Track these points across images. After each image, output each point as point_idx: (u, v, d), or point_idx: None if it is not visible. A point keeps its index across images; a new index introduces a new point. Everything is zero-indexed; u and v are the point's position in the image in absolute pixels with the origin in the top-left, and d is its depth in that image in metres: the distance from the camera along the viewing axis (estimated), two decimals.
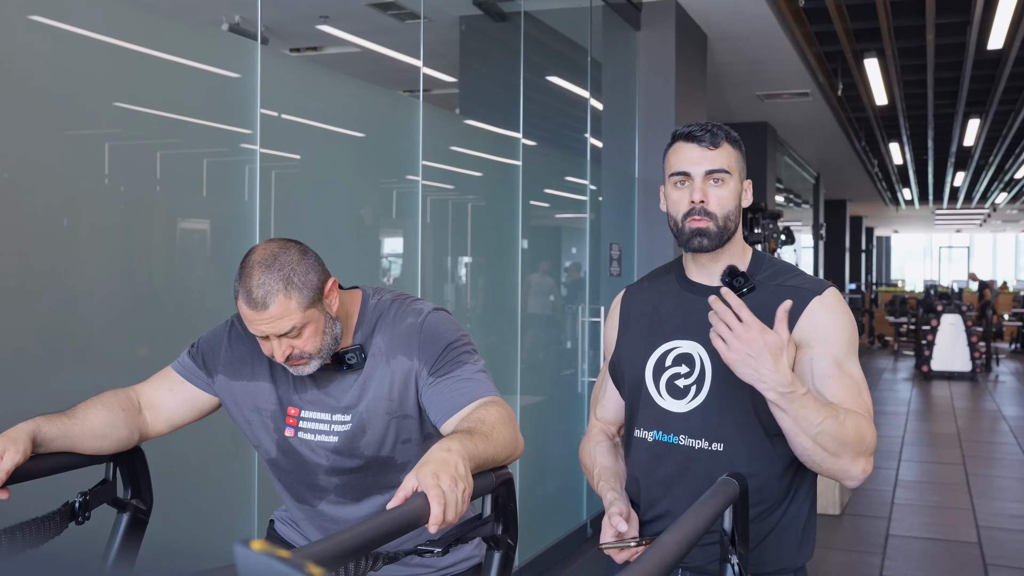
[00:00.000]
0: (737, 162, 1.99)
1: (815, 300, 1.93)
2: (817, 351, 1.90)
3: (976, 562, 5.33)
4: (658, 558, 1.19)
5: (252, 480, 3.01)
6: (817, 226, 16.33)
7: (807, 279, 1.99)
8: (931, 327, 14.47)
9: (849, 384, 1.88)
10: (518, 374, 4.86)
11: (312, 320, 1.82)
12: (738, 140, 2.01)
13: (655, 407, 2.01)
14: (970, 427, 10.13)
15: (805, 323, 1.91)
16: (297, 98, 3.36)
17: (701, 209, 1.93)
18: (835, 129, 11.61)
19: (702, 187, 1.94)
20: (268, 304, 1.76)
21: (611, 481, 2.06)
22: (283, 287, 1.77)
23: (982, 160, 16.05)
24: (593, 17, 5.92)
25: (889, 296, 22.34)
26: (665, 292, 2.09)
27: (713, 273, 2.02)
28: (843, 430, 1.78)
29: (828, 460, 1.81)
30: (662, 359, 2.02)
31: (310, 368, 1.87)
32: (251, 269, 1.78)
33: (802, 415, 1.75)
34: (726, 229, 1.95)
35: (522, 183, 4.94)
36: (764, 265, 2.03)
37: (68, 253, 2.54)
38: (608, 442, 2.18)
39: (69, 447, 1.75)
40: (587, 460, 2.16)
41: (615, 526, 1.94)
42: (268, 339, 1.82)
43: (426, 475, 1.44)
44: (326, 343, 1.86)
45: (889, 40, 7.99)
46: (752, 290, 1.95)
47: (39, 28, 2.41)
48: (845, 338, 1.93)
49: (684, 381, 1.98)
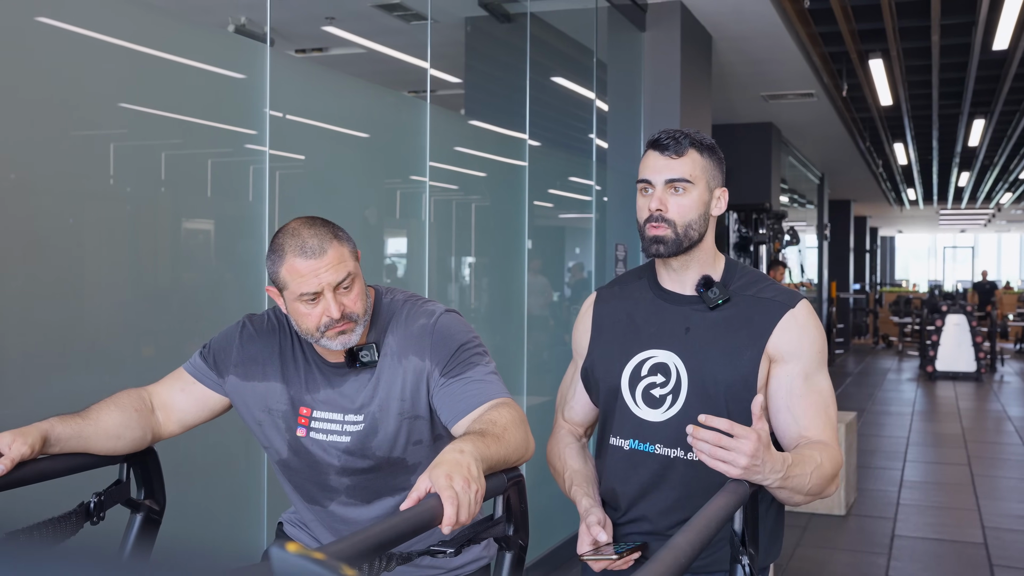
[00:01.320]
0: (704, 170, 2.01)
1: (788, 314, 1.99)
2: (790, 368, 1.97)
3: (982, 563, 5.33)
4: (671, 559, 1.20)
5: (262, 481, 3.02)
6: (821, 226, 16.32)
7: (780, 291, 2.04)
8: (935, 327, 14.46)
9: (817, 401, 1.97)
10: (524, 374, 4.86)
11: (358, 276, 1.88)
12: (710, 147, 2.03)
13: (631, 416, 2.04)
14: (975, 428, 10.12)
15: (779, 338, 1.97)
16: (304, 99, 3.37)
17: (659, 216, 1.98)
18: (840, 129, 11.61)
19: (661, 195, 1.99)
20: (326, 249, 1.81)
21: (584, 486, 2.10)
22: (334, 235, 1.85)
23: (987, 160, 16.03)
24: (598, 18, 5.93)
25: (893, 296, 22.32)
26: (639, 299, 2.12)
27: (685, 281, 2.06)
28: (822, 472, 1.86)
29: (814, 499, 1.92)
30: (638, 368, 2.05)
31: (356, 335, 1.87)
32: (297, 230, 1.84)
33: (796, 483, 1.80)
34: (686, 237, 1.99)
35: (528, 184, 4.95)
36: (737, 274, 2.07)
37: (74, 253, 2.55)
38: (576, 444, 2.22)
39: (83, 447, 1.76)
40: (556, 463, 2.19)
41: (594, 535, 1.97)
42: (318, 301, 1.83)
43: (439, 476, 1.45)
44: (367, 307, 1.90)
45: (894, 41, 7.99)
46: (727, 301, 2.00)
47: (46, 29, 2.42)
48: (815, 351, 2.00)
49: (660, 391, 2.01)
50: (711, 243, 2.06)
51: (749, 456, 1.70)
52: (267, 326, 2.03)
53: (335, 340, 1.86)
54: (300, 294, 1.82)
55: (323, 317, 1.83)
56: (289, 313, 1.89)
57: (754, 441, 1.70)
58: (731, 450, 1.70)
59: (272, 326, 2.03)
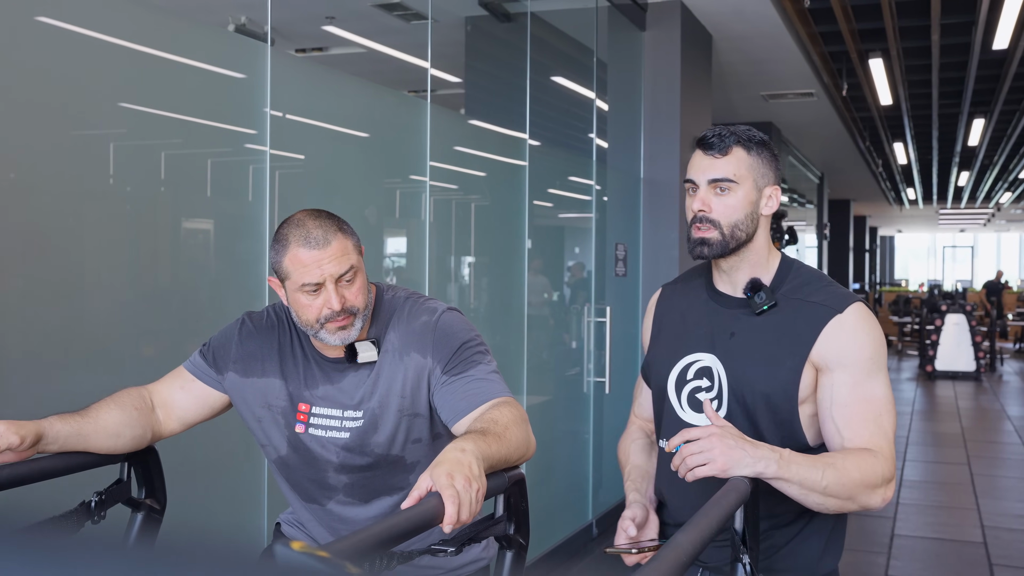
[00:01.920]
0: (751, 169, 1.94)
1: (835, 320, 1.89)
2: (836, 376, 1.88)
3: (981, 562, 5.34)
4: (673, 557, 1.20)
5: (262, 480, 3.02)
6: (821, 226, 16.32)
7: (831, 294, 1.95)
8: (935, 327, 14.46)
9: (866, 410, 1.86)
10: (524, 374, 4.87)
11: (361, 270, 1.89)
12: (759, 144, 1.96)
13: (676, 418, 2.01)
14: (975, 427, 10.12)
15: (823, 346, 1.89)
16: (305, 99, 3.37)
17: (703, 217, 1.93)
18: (839, 129, 11.62)
19: (704, 196, 1.93)
20: (330, 240, 1.83)
21: (637, 481, 2.08)
22: (338, 227, 1.86)
23: (986, 160, 16.05)
24: (599, 18, 5.93)
25: (893, 296, 22.33)
26: (694, 299, 2.08)
27: (736, 283, 2.00)
28: (846, 475, 1.77)
29: (846, 505, 1.81)
30: (684, 372, 2.02)
31: (354, 331, 1.88)
32: (302, 221, 1.85)
33: (803, 475, 1.74)
34: (732, 238, 1.93)
35: (528, 183, 4.95)
36: (790, 275, 2.00)
37: (74, 253, 2.55)
38: (643, 439, 2.20)
39: (83, 445, 1.76)
40: (622, 457, 2.18)
41: (623, 528, 1.95)
42: (319, 292, 1.83)
43: (440, 475, 1.45)
44: (368, 303, 1.90)
45: (894, 40, 7.99)
46: (774, 306, 1.94)
47: (46, 29, 2.42)
48: (866, 357, 1.89)
49: (705, 395, 1.98)
50: (763, 243, 1.98)
51: (719, 443, 1.69)
52: (266, 322, 2.04)
53: (334, 335, 1.86)
54: (302, 284, 1.83)
55: (324, 309, 1.83)
56: (289, 304, 1.89)
57: (712, 430, 1.71)
58: (700, 452, 1.70)
59: (271, 322, 2.03)
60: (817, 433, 1.94)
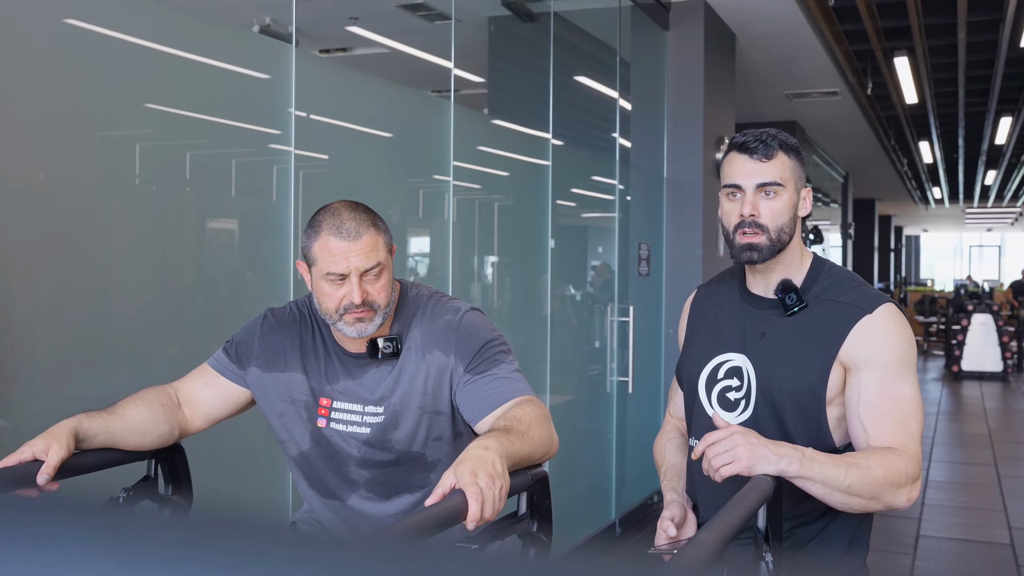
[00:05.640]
0: (792, 172, 1.96)
1: (864, 320, 1.90)
2: (864, 376, 1.88)
3: (1008, 563, 5.29)
4: (695, 555, 1.20)
5: (286, 477, 3.03)
6: (846, 225, 16.24)
7: (861, 294, 1.96)
8: (961, 327, 14.34)
9: (893, 409, 1.86)
10: (547, 373, 4.87)
11: (388, 267, 1.89)
12: (795, 147, 1.98)
13: (707, 419, 2.01)
14: (1002, 428, 10.04)
15: (851, 345, 1.90)
16: (329, 99, 3.38)
17: (752, 222, 1.93)
18: (864, 128, 11.54)
19: (753, 200, 1.93)
20: (362, 234, 1.83)
21: (674, 480, 2.09)
22: (372, 222, 1.87)
23: (1014, 158, 15.89)
24: (622, 17, 5.92)
25: (919, 295, 22.17)
26: (727, 301, 2.10)
27: (769, 284, 2.02)
28: (870, 474, 1.77)
29: (870, 504, 1.81)
30: (715, 371, 2.04)
31: (373, 325, 1.89)
32: (337, 210, 1.86)
33: (826, 473, 1.74)
34: (779, 241, 1.95)
35: (551, 183, 4.95)
36: (822, 276, 2.01)
37: (100, 253, 2.58)
38: (679, 438, 2.21)
39: (111, 443, 1.78)
40: (658, 456, 2.20)
41: (663, 529, 1.96)
42: (343, 283, 1.84)
43: (464, 472, 1.46)
44: (390, 301, 1.91)
45: (920, 38, 7.93)
46: (804, 307, 1.95)
47: (74, 31, 2.44)
48: (895, 357, 1.89)
49: (735, 394, 2.00)
50: (797, 244, 2.01)
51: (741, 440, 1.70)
52: (288, 317, 2.05)
53: (352, 326, 1.88)
54: (327, 272, 1.84)
55: (344, 300, 1.85)
56: (313, 290, 1.91)
57: (734, 429, 1.72)
58: (724, 451, 1.70)
59: (293, 317, 2.05)
60: (844, 434, 1.94)
